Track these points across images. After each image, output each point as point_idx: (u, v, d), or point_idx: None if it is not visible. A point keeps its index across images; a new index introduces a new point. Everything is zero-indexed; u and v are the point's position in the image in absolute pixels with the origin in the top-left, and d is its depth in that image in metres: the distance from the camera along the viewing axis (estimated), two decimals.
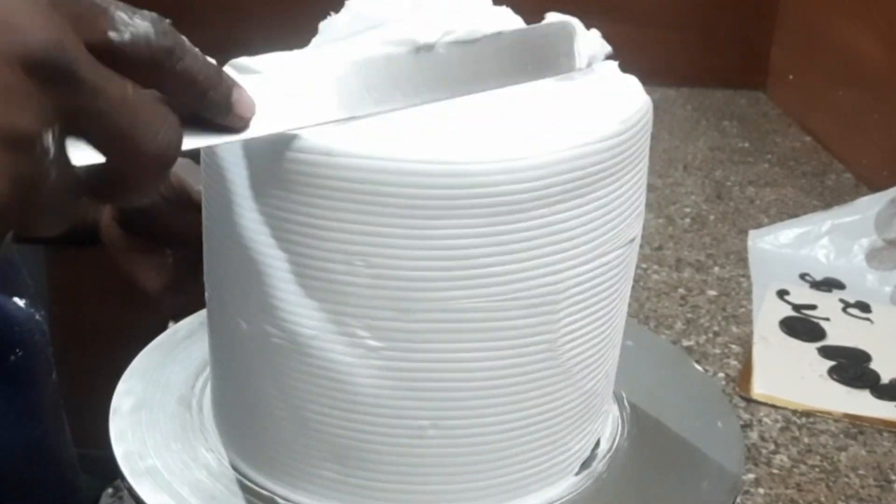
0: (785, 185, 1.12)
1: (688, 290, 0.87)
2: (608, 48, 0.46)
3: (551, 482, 0.46)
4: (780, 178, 1.14)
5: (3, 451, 0.60)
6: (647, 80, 0.46)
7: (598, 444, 0.49)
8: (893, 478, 0.65)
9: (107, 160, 0.33)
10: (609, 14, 1.35)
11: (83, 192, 0.34)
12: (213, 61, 0.36)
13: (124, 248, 0.63)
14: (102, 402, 0.49)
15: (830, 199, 1.07)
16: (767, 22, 1.39)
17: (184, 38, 0.34)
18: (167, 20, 0.34)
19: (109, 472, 0.47)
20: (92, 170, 0.33)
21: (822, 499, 0.62)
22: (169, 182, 0.60)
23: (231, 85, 0.36)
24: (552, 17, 0.46)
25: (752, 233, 0.97)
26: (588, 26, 0.46)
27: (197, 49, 0.35)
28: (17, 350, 0.61)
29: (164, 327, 0.57)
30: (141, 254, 0.63)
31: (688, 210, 1.04)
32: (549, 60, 0.44)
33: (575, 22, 0.45)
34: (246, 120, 0.36)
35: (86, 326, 1.32)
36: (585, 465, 0.47)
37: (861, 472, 0.65)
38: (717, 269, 0.92)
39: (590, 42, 0.45)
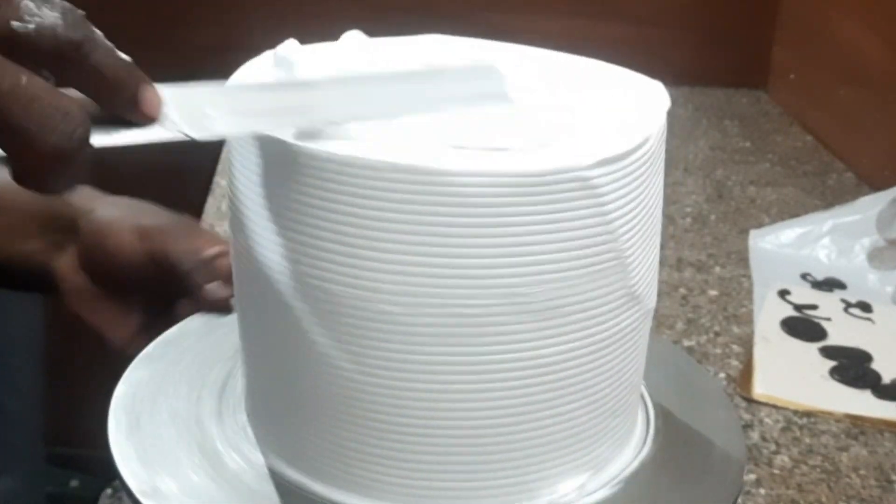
0: (786, 185, 1.11)
1: (689, 290, 0.87)
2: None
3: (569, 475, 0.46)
4: (781, 177, 1.14)
5: None
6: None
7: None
8: (895, 478, 0.64)
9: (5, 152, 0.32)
10: (609, 14, 1.36)
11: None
12: (126, 58, 0.35)
13: (88, 298, 0.60)
14: (100, 402, 0.49)
15: (832, 198, 1.07)
16: (768, 21, 1.39)
17: (96, 31, 0.34)
18: (80, 12, 0.33)
19: (108, 473, 0.47)
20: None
21: (824, 499, 0.62)
22: (150, 245, 0.58)
23: (139, 82, 0.35)
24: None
25: (753, 232, 0.97)
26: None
27: (111, 44, 0.34)
28: None
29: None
30: (107, 304, 0.60)
31: (689, 210, 1.04)
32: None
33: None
34: (151, 118, 0.35)
35: (85, 326, 1.32)
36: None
37: (862, 472, 0.65)
38: (718, 268, 0.91)
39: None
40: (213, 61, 0.46)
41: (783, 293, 0.86)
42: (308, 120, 0.40)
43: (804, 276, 0.90)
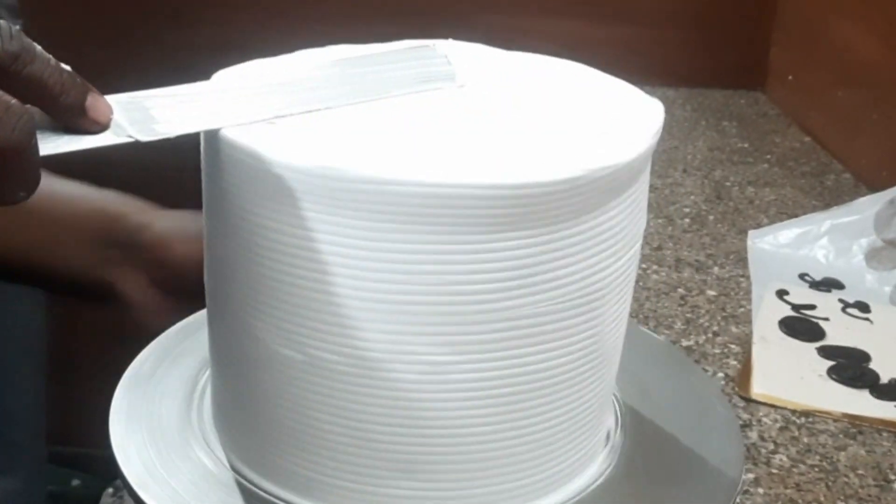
0: (784, 186, 1.12)
1: (687, 290, 0.87)
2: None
3: (593, 459, 0.48)
4: (779, 178, 1.14)
5: None
6: (647, 80, 0.46)
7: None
8: (893, 478, 0.65)
9: None
10: (609, 14, 1.36)
11: None
12: (67, 68, 0.36)
13: (161, 312, 0.61)
14: (102, 401, 0.50)
15: (830, 199, 1.07)
16: (766, 22, 1.39)
17: (34, 44, 0.35)
18: (16, 27, 0.34)
19: (109, 472, 0.47)
20: None
21: (822, 498, 0.62)
22: None
23: (85, 91, 0.36)
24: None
25: (751, 233, 0.97)
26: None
27: (50, 56, 0.36)
28: None
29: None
30: (179, 313, 0.60)
31: (687, 210, 1.04)
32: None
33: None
34: (102, 124, 0.37)
35: (85, 326, 1.32)
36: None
37: (860, 471, 0.65)
38: (716, 269, 0.92)
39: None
40: (213, 61, 0.46)
41: (781, 293, 0.86)
42: (249, 116, 0.40)
43: (802, 277, 0.90)
